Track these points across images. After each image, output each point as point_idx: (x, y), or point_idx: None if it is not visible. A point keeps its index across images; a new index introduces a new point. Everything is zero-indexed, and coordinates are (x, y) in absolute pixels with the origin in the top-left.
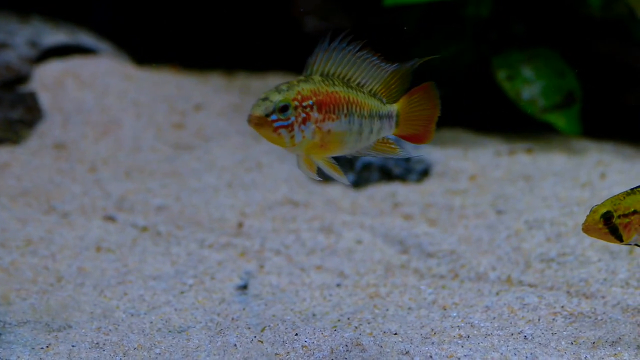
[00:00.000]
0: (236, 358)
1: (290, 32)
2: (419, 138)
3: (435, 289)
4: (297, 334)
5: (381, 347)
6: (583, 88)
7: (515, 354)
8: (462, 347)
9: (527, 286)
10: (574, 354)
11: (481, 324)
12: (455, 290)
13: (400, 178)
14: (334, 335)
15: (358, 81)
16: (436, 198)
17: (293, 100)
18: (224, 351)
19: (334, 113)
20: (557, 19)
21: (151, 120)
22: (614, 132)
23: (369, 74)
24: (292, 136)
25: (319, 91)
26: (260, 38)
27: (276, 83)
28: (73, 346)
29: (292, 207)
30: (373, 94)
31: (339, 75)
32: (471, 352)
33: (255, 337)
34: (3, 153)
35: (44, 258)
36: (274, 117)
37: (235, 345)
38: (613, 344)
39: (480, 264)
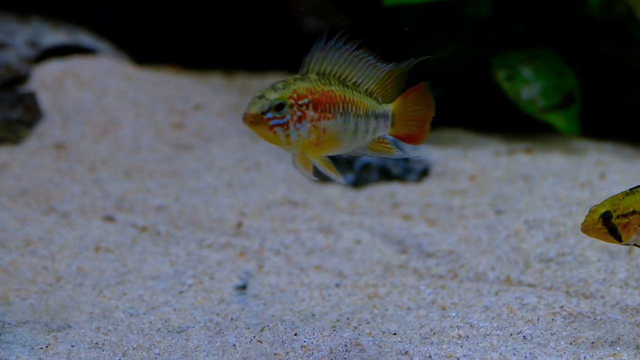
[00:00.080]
0: (235, 358)
1: (289, 32)
2: (414, 138)
3: (434, 289)
4: (296, 334)
5: (380, 347)
6: (582, 88)
7: (514, 354)
8: (461, 347)
9: (527, 286)
10: (573, 354)
11: (480, 324)
12: (454, 290)
13: (399, 178)
14: (333, 335)
15: (354, 80)
16: (435, 198)
17: (289, 98)
18: (223, 351)
19: (330, 112)
20: (557, 19)
21: (150, 120)
22: (614, 132)
23: (365, 74)
24: (288, 135)
25: (315, 90)
26: (259, 38)
27: None
28: (72, 346)
29: (291, 207)
30: (369, 94)
31: (335, 74)
32: (470, 352)
33: (254, 337)
34: (2, 153)
35: (43, 258)
36: (270, 115)
37: (234, 345)
38: (612, 344)
39: (479, 264)
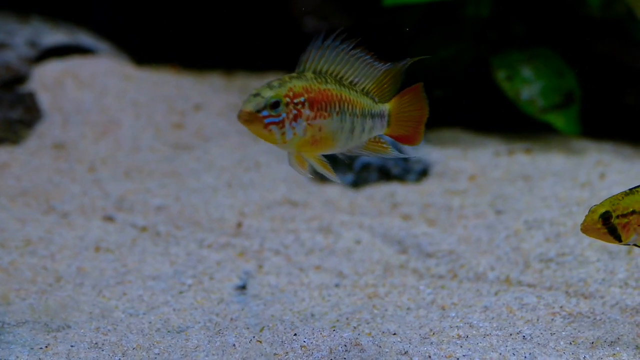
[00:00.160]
0: (235, 358)
1: (289, 32)
2: (409, 139)
3: (434, 289)
4: (296, 334)
5: (380, 347)
6: (582, 88)
7: (513, 354)
8: (461, 347)
9: (526, 286)
10: (573, 354)
11: (480, 324)
12: (454, 290)
13: (399, 178)
14: (333, 335)
15: (351, 79)
16: (435, 198)
17: (285, 96)
18: (223, 351)
19: (326, 111)
20: (557, 19)
21: (150, 120)
22: (613, 132)
23: (362, 73)
24: (283, 133)
25: (311, 88)
26: (259, 38)
27: None
28: (72, 346)
29: (291, 207)
30: (365, 93)
31: (332, 73)
32: (470, 352)
33: (254, 337)
34: (2, 153)
35: (43, 258)
36: (265, 113)
37: (234, 345)
38: (612, 344)
39: (479, 264)
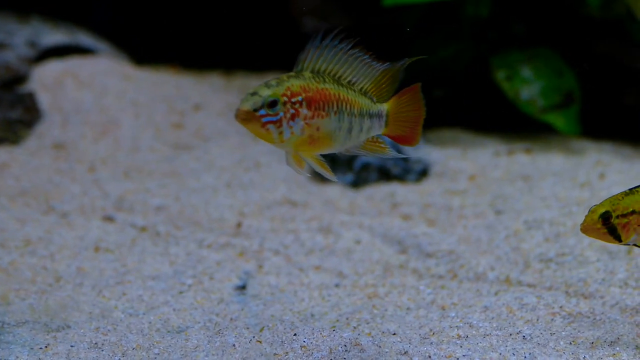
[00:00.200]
0: (235, 358)
1: (289, 32)
2: (407, 139)
3: (434, 289)
4: (296, 334)
5: (380, 347)
6: (582, 88)
7: (513, 354)
8: (461, 347)
9: (526, 286)
10: (573, 354)
11: (480, 324)
12: (454, 290)
13: (398, 178)
14: (333, 335)
15: (349, 79)
16: (435, 198)
17: (282, 95)
18: (223, 351)
19: (324, 110)
20: (557, 19)
21: (150, 120)
22: (613, 132)
23: (360, 72)
24: (281, 132)
25: (309, 87)
26: (259, 38)
27: None
28: (72, 346)
29: (291, 207)
30: (363, 93)
31: (330, 72)
32: (470, 352)
33: (253, 337)
34: (2, 153)
35: (43, 258)
36: (262, 112)
37: (233, 345)
38: (612, 344)
39: (479, 264)
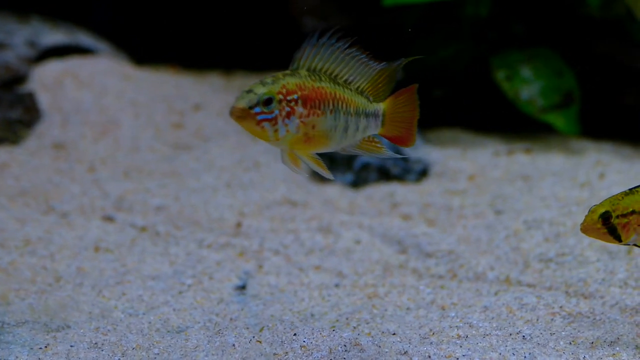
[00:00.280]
0: (234, 358)
1: (289, 32)
2: (403, 140)
3: (433, 289)
4: (296, 334)
5: (379, 347)
6: (582, 88)
7: (513, 354)
8: (461, 347)
9: (526, 286)
10: (573, 354)
11: (480, 324)
12: (453, 290)
13: (398, 178)
14: (333, 335)
15: (345, 78)
16: (435, 198)
17: (277, 93)
18: (223, 351)
19: (319, 108)
20: (557, 19)
21: (150, 120)
22: (613, 132)
23: (357, 72)
24: (276, 130)
25: (305, 86)
26: (258, 38)
27: None
28: (71, 346)
29: (291, 207)
30: (360, 92)
31: (326, 71)
32: (469, 352)
33: (253, 337)
34: (2, 153)
35: (43, 258)
36: (258, 110)
37: (233, 345)
38: (611, 344)
39: (478, 264)
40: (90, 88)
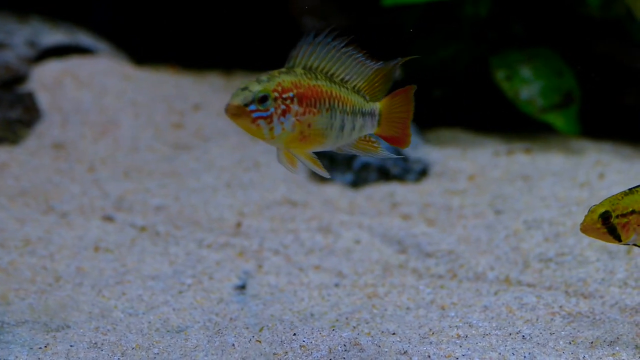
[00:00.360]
0: (234, 358)
1: (289, 32)
2: (398, 141)
3: (433, 289)
4: (296, 334)
5: (379, 347)
6: (582, 88)
7: (513, 354)
8: (460, 347)
9: (526, 286)
10: (572, 354)
11: (479, 324)
12: (453, 290)
13: (398, 178)
14: (332, 335)
15: (342, 77)
16: (435, 198)
17: (273, 91)
18: (222, 351)
19: (315, 107)
20: (556, 19)
21: (150, 120)
22: (613, 132)
23: (353, 71)
24: (271, 128)
25: (300, 84)
26: (258, 38)
27: None
28: (71, 346)
29: (291, 207)
30: (356, 91)
31: (323, 69)
32: (469, 352)
33: (253, 337)
34: (1, 153)
35: (43, 258)
36: (253, 107)
37: (233, 345)
38: (611, 344)
39: (478, 264)
40: (90, 88)
